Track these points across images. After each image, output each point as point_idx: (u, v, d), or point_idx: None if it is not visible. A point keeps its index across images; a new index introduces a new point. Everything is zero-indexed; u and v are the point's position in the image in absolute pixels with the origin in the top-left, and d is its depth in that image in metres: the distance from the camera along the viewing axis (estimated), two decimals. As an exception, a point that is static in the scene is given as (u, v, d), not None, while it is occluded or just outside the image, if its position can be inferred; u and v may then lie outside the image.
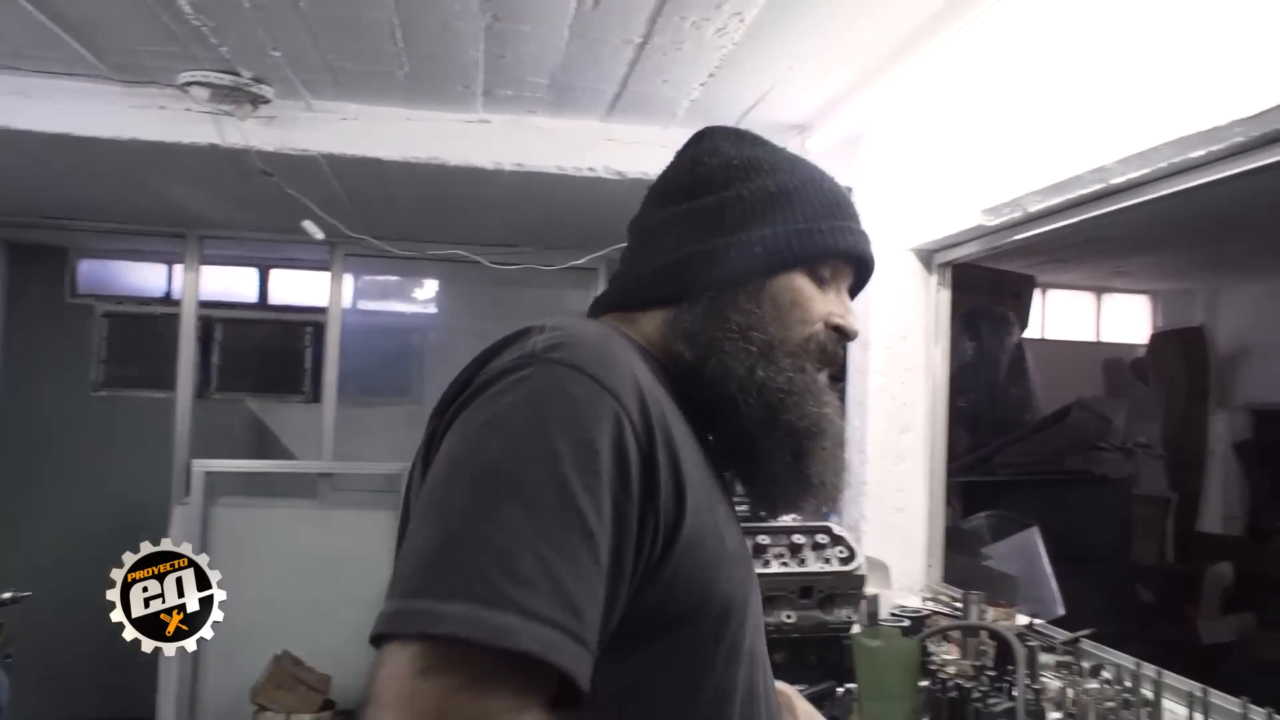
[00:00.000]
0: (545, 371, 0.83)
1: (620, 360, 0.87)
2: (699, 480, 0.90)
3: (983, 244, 2.58)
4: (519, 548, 0.75)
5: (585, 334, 0.90)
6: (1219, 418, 6.25)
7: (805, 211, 1.06)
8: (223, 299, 5.19)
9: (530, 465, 0.78)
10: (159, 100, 2.78)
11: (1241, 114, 1.56)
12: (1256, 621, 5.12)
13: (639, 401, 0.85)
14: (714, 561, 0.90)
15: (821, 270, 1.07)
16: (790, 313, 1.04)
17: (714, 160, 1.09)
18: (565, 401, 0.81)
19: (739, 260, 1.02)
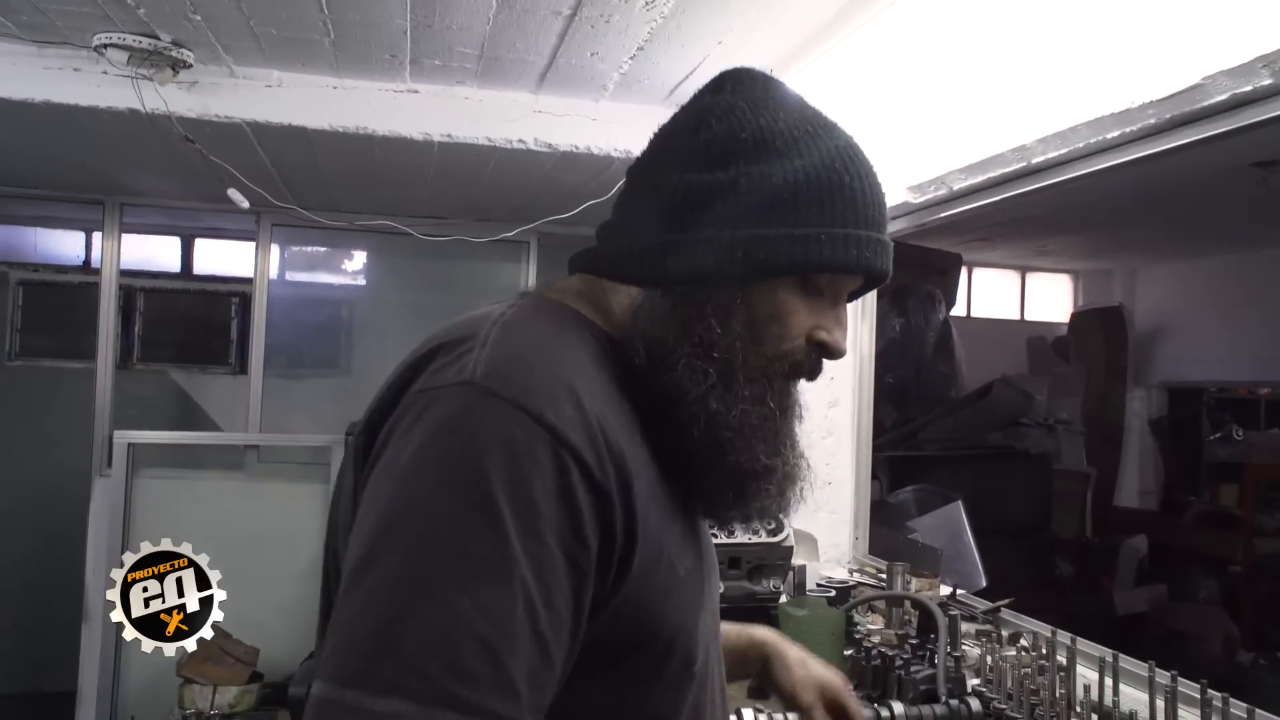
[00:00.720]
0: (485, 409, 0.76)
1: (569, 384, 0.80)
2: (653, 502, 0.85)
3: (910, 221, 2.61)
4: (458, 633, 0.70)
5: (534, 355, 0.83)
6: (1136, 395, 6.45)
7: (813, 213, 0.90)
8: (145, 268, 5.05)
9: (469, 529, 0.72)
10: (73, 62, 2.67)
11: (1153, 96, 1.60)
12: (1168, 593, 5.32)
13: (589, 437, 0.78)
14: (662, 593, 0.85)
15: (817, 280, 0.92)
16: (767, 327, 0.91)
17: (722, 127, 0.93)
18: (505, 449, 0.74)
19: (718, 262, 0.89)
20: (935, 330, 4.93)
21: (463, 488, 0.73)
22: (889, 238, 0.97)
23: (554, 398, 0.78)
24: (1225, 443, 6.13)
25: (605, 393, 0.85)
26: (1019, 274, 7.01)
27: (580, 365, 0.85)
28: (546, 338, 0.87)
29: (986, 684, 1.88)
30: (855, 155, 0.95)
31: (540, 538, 0.74)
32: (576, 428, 0.78)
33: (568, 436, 0.76)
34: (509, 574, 0.72)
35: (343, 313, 5.37)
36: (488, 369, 0.79)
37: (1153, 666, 1.65)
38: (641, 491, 0.82)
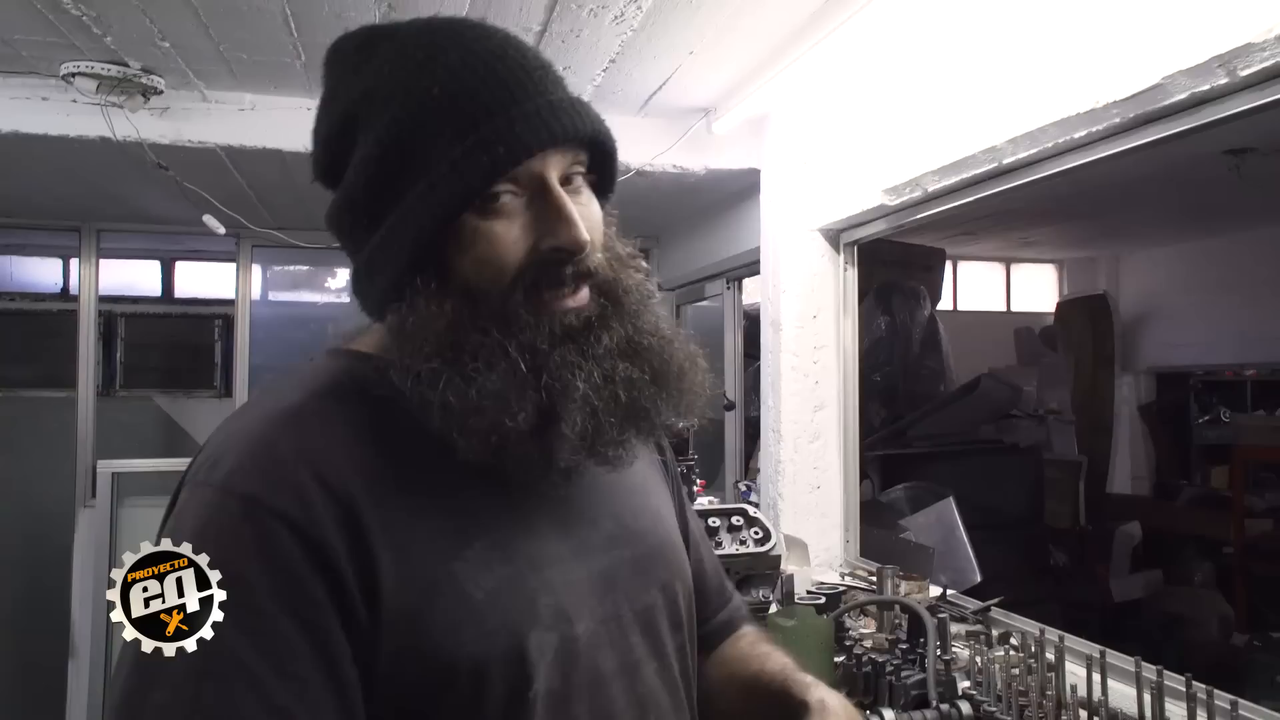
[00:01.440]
0: (193, 504, 0.80)
1: (276, 450, 0.80)
2: (420, 533, 0.82)
3: (887, 223, 2.62)
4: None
5: (246, 431, 0.83)
6: (1124, 381, 6.47)
7: (427, 154, 0.82)
8: (125, 293, 5.02)
9: None
10: (40, 91, 2.66)
11: (1117, 96, 1.61)
12: (1163, 577, 5.33)
13: (295, 492, 0.78)
14: (449, 625, 0.80)
15: (490, 200, 0.83)
16: (478, 275, 0.84)
17: (319, 136, 0.91)
18: (207, 538, 0.77)
19: (387, 262, 0.85)
20: (921, 326, 4.93)
21: None
22: (545, 98, 0.84)
23: (255, 469, 0.79)
24: (1213, 425, 6.16)
25: (347, 439, 0.83)
26: (1003, 266, 7.03)
27: (302, 424, 0.84)
28: (267, 410, 0.86)
29: (977, 686, 1.88)
30: (442, 55, 0.84)
31: (257, 610, 0.75)
32: (280, 487, 0.78)
33: (269, 501, 0.77)
34: (225, 662, 0.73)
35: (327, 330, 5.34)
36: (198, 464, 0.83)
37: (1139, 662, 1.66)
38: (388, 528, 0.79)
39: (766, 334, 3.00)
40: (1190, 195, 4.78)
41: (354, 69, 0.88)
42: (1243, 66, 1.40)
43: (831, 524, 2.95)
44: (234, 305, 4.45)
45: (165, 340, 5.06)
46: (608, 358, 0.86)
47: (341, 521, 0.78)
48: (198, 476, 0.82)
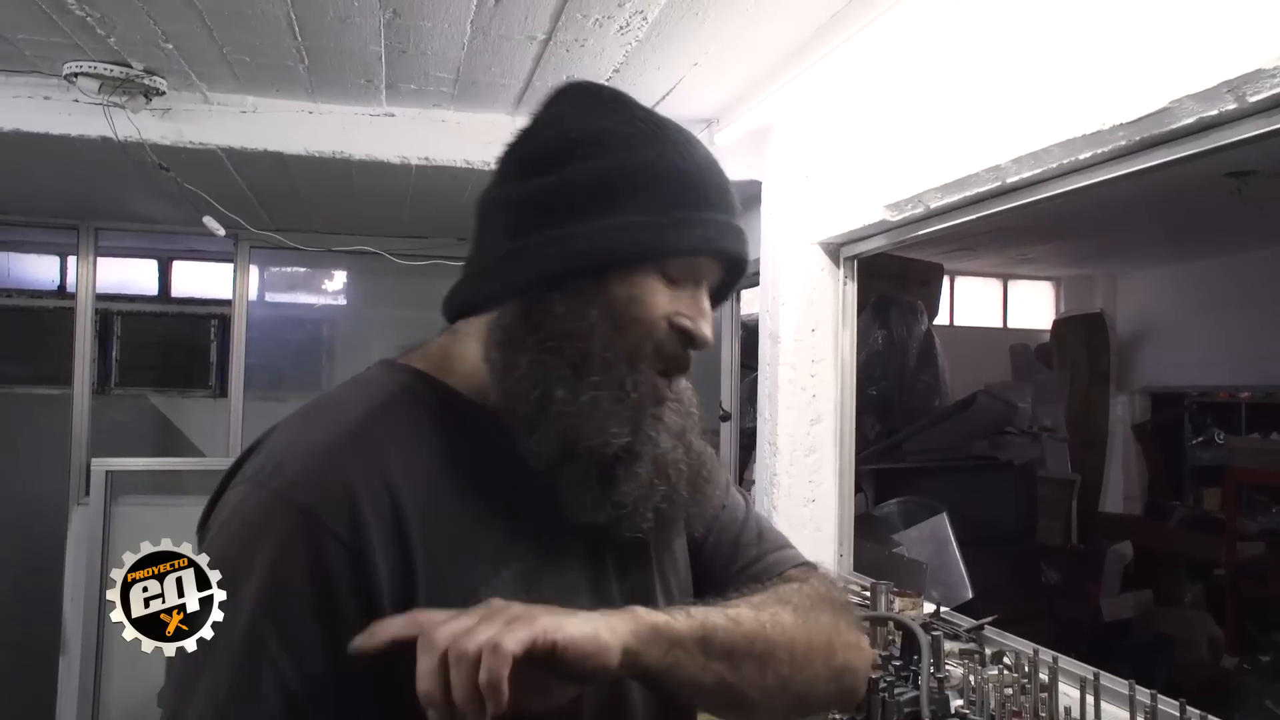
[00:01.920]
0: (249, 506, 0.85)
1: (337, 465, 0.85)
2: (462, 552, 0.87)
3: (887, 238, 2.62)
4: None
5: (308, 439, 0.89)
6: (1119, 400, 6.48)
7: (653, 199, 0.90)
8: (121, 291, 5.01)
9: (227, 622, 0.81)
10: (43, 90, 2.66)
11: (1123, 119, 1.61)
12: (1154, 597, 5.34)
13: (349, 511, 0.83)
14: None
15: (669, 268, 0.92)
16: (625, 312, 0.90)
17: (555, 132, 0.95)
18: (259, 543, 0.82)
19: (563, 255, 0.89)
20: (918, 341, 4.93)
21: (226, 583, 0.82)
22: (739, 223, 0.97)
23: (315, 481, 0.84)
24: (1207, 447, 6.17)
25: (405, 456, 0.88)
26: (1001, 282, 7.04)
27: (362, 439, 0.88)
28: (329, 421, 0.91)
29: (970, 705, 1.88)
30: (691, 144, 0.96)
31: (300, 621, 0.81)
32: (336, 504, 0.83)
33: (323, 516, 0.82)
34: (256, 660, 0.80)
35: (324, 332, 5.34)
36: (263, 463, 0.87)
37: (1133, 685, 1.66)
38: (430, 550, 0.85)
39: (764, 346, 3.00)
40: (1190, 216, 4.80)
41: (609, 107, 0.97)
42: (1252, 92, 1.40)
43: (826, 538, 2.95)
44: (231, 306, 4.44)
45: (161, 339, 5.04)
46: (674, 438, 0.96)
47: (390, 541, 0.84)
48: (259, 478, 0.86)
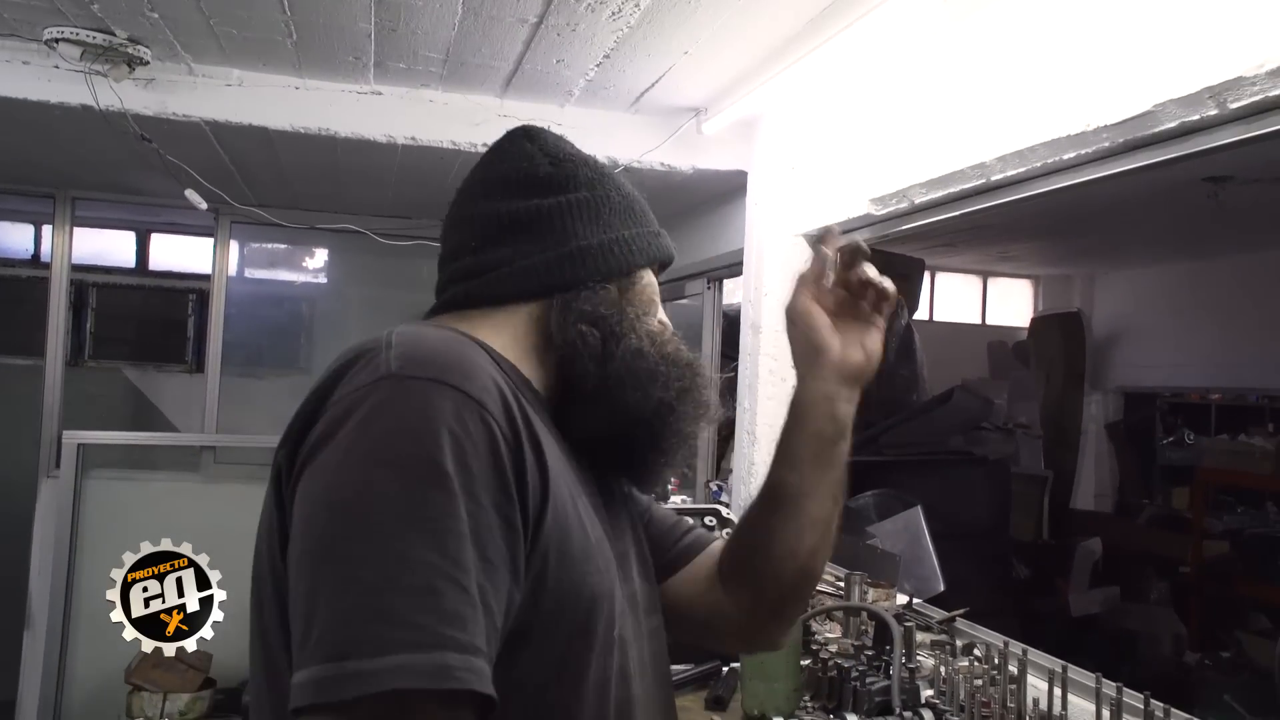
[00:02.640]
0: (409, 390, 0.80)
1: (480, 366, 0.86)
2: (561, 472, 0.90)
3: (872, 232, 2.63)
4: (437, 582, 0.74)
5: (438, 344, 0.87)
6: (1093, 399, 6.54)
7: (643, 218, 1.10)
8: (98, 263, 4.96)
9: (422, 493, 0.76)
10: (22, 55, 2.62)
11: (1107, 120, 1.63)
12: (1121, 594, 5.41)
13: (503, 405, 0.84)
14: (580, 557, 0.89)
15: (657, 270, 1.12)
16: (649, 306, 1.08)
17: (556, 158, 1.08)
18: (438, 419, 0.79)
19: (609, 258, 1.04)
20: (897, 335, 4.94)
21: (405, 461, 0.77)
22: None
23: (470, 375, 0.83)
24: (1177, 447, 6.25)
25: (508, 383, 0.89)
26: (981, 279, 7.08)
27: (478, 352, 0.90)
28: (444, 334, 0.92)
29: (940, 695, 1.91)
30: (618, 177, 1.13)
31: (478, 499, 0.78)
32: (495, 400, 0.83)
33: (487, 404, 0.82)
34: (461, 531, 0.76)
35: (303, 310, 5.32)
36: (400, 361, 0.83)
37: (1099, 678, 1.69)
38: (552, 458, 0.88)
39: (746, 336, 3.01)
40: (1168, 219, 4.84)
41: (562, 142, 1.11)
42: (1233, 99, 1.42)
43: (802, 529, 2.96)
44: (210, 280, 4.40)
45: (137, 312, 5.01)
46: None
47: (531, 443, 0.85)
48: (405, 371, 0.82)
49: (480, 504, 0.78)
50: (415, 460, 0.77)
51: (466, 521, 0.76)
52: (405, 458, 0.77)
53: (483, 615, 0.76)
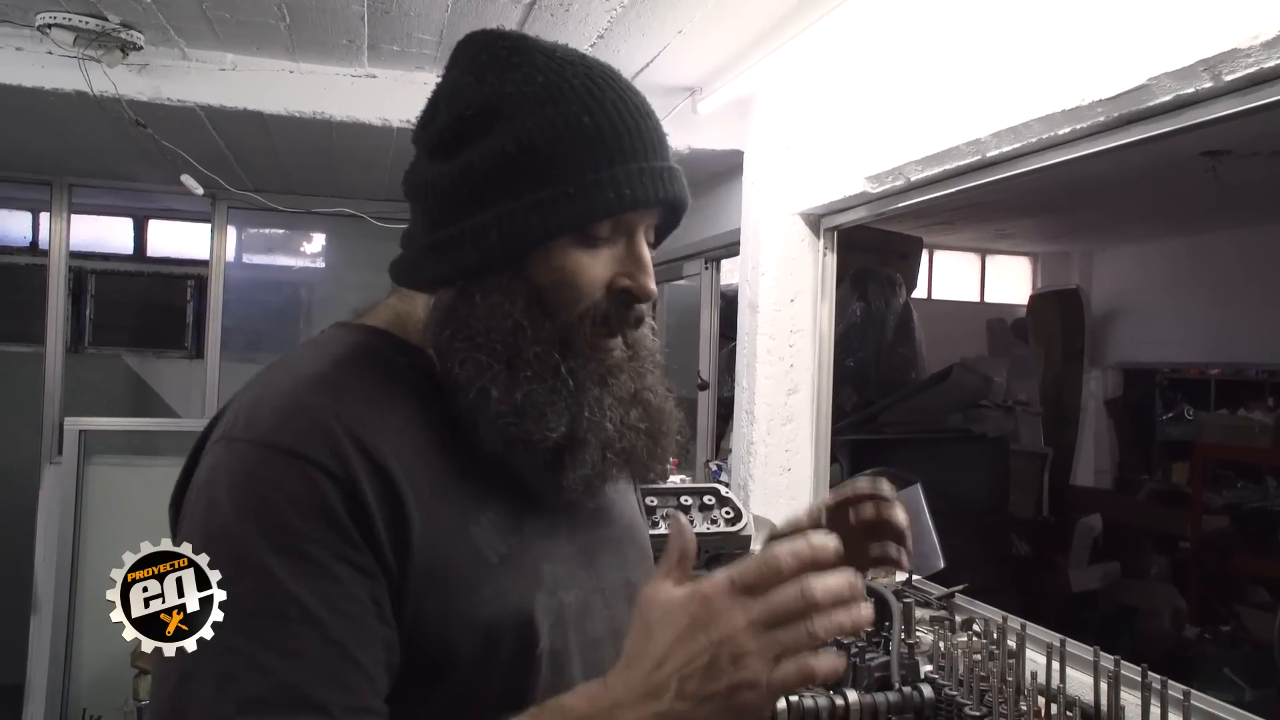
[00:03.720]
0: (231, 458, 0.82)
1: (309, 409, 0.83)
2: (443, 497, 0.86)
3: (868, 210, 2.63)
4: (241, 670, 0.75)
5: (278, 389, 0.86)
6: (1092, 376, 6.54)
7: (558, 169, 0.86)
8: (96, 249, 4.96)
9: (233, 573, 0.77)
10: (14, 41, 2.60)
11: (1102, 95, 1.63)
12: (1121, 569, 5.42)
13: (331, 448, 0.80)
14: (468, 585, 0.85)
15: (594, 231, 0.88)
16: (554, 294, 0.89)
17: (450, 110, 0.91)
18: (250, 488, 0.79)
19: (478, 248, 0.87)
20: (896, 313, 4.95)
21: (219, 538, 0.78)
22: (664, 162, 0.91)
23: (291, 424, 0.82)
24: (1177, 422, 6.26)
25: (376, 404, 0.86)
26: (979, 257, 7.07)
27: (332, 387, 0.86)
28: (295, 373, 0.89)
29: (939, 670, 1.92)
30: (594, 90, 0.88)
31: (305, 555, 0.77)
32: (317, 442, 0.80)
33: (308, 453, 0.80)
34: (277, 600, 0.76)
35: (301, 294, 5.32)
36: (232, 420, 0.85)
37: (1097, 651, 1.69)
38: (416, 489, 0.83)
39: (743, 316, 3.02)
40: (1166, 195, 4.83)
41: (504, 66, 0.90)
42: (1227, 71, 1.41)
43: (801, 506, 2.97)
44: (208, 266, 4.40)
45: (136, 299, 5.01)
46: (626, 404, 0.94)
47: (376, 478, 0.81)
48: (232, 433, 0.83)
49: (309, 560, 0.77)
50: (227, 538, 0.78)
51: (287, 596, 0.76)
52: (218, 537, 0.78)
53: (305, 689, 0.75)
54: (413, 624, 0.82)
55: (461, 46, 0.96)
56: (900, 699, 1.77)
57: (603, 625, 0.96)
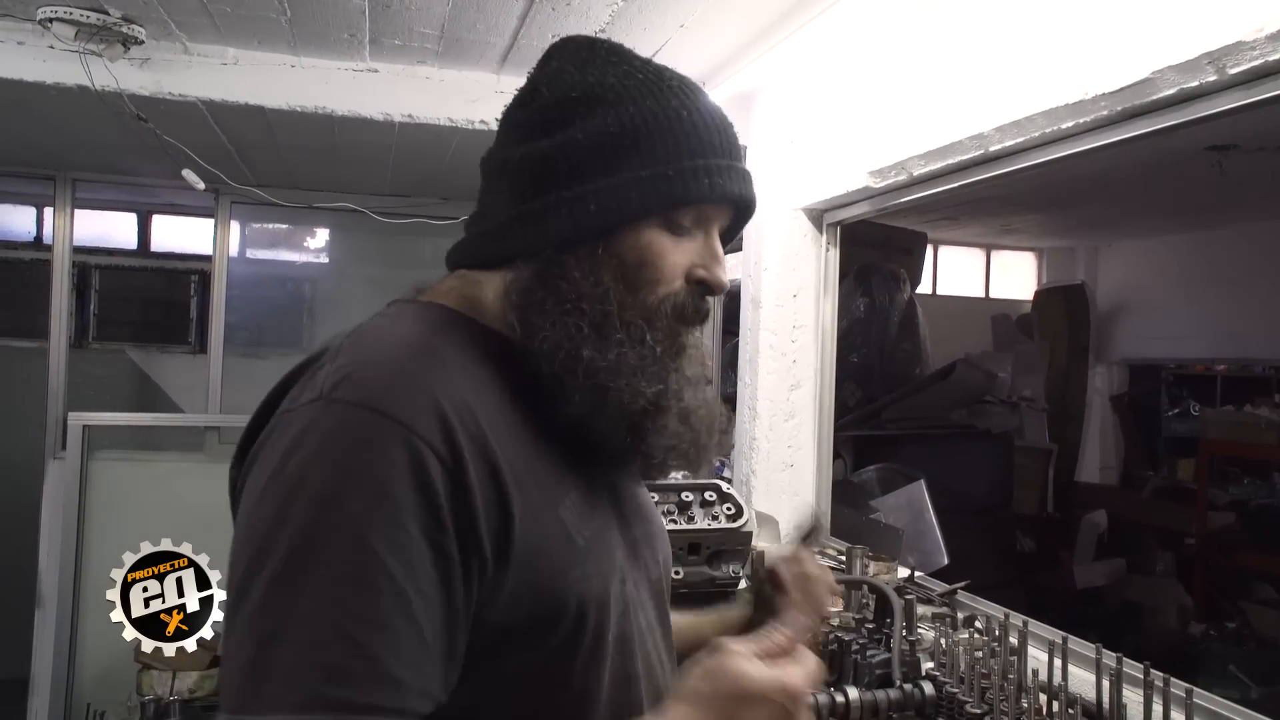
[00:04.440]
0: (331, 418, 0.79)
1: (417, 378, 0.82)
2: (536, 477, 0.87)
3: (871, 205, 2.62)
4: (326, 637, 0.73)
5: (381, 354, 0.85)
6: (1097, 371, 6.53)
7: (656, 152, 0.91)
8: (100, 244, 4.96)
9: (326, 537, 0.75)
10: (16, 35, 2.60)
11: (1106, 89, 1.62)
12: (1126, 566, 5.41)
13: (440, 425, 0.80)
14: (561, 566, 0.86)
15: (680, 218, 0.94)
16: (639, 273, 0.92)
17: (552, 92, 0.95)
18: (355, 452, 0.77)
19: (573, 219, 0.90)
20: (899, 309, 4.94)
21: (315, 500, 0.76)
22: (743, 165, 0.98)
23: (400, 392, 0.80)
24: (1182, 418, 6.24)
25: (471, 379, 0.86)
26: (984, 252, 7.05)
27: (434, 356, 0.86)
28: (397, 338, 0.88)
29: (940, 667, 1.91)
30: (689, 91, 0.97)
31: (402, 527, 0.76)
32: (427, 416, 0.79)
33: (416, 427, 0.78)
34: (370, 570, 0.74)
35: (305, 290, 5.32)
36: (335, 380, 0.81)
37: (1099, 649, 1.69)
38: (514, 469, 0.84)
39: (746, 311, 3.01)
40: (1171, 189, 4.81)
41: (606, 62, 0.96)
42: (1232, 64, 1.40)
43: (803, 502, 2.97)
44: (211, 261, 4.40)
45: (140, 294, 5.02)
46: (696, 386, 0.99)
47: (479, 459, 0.81)
48: (334, 394, 0.80)
49: (403, 531, 0.76)
50: (325, 504, 0.76)
51: (379, 570, 0.75)
52: (316, 501, 0.76)
53: (391, 666, 0.74)
54: (507, 605, 0.82)
55: (560, 44, 1.02)
56: (901, 696, 1.77)
57: (644, 618, 0.99)
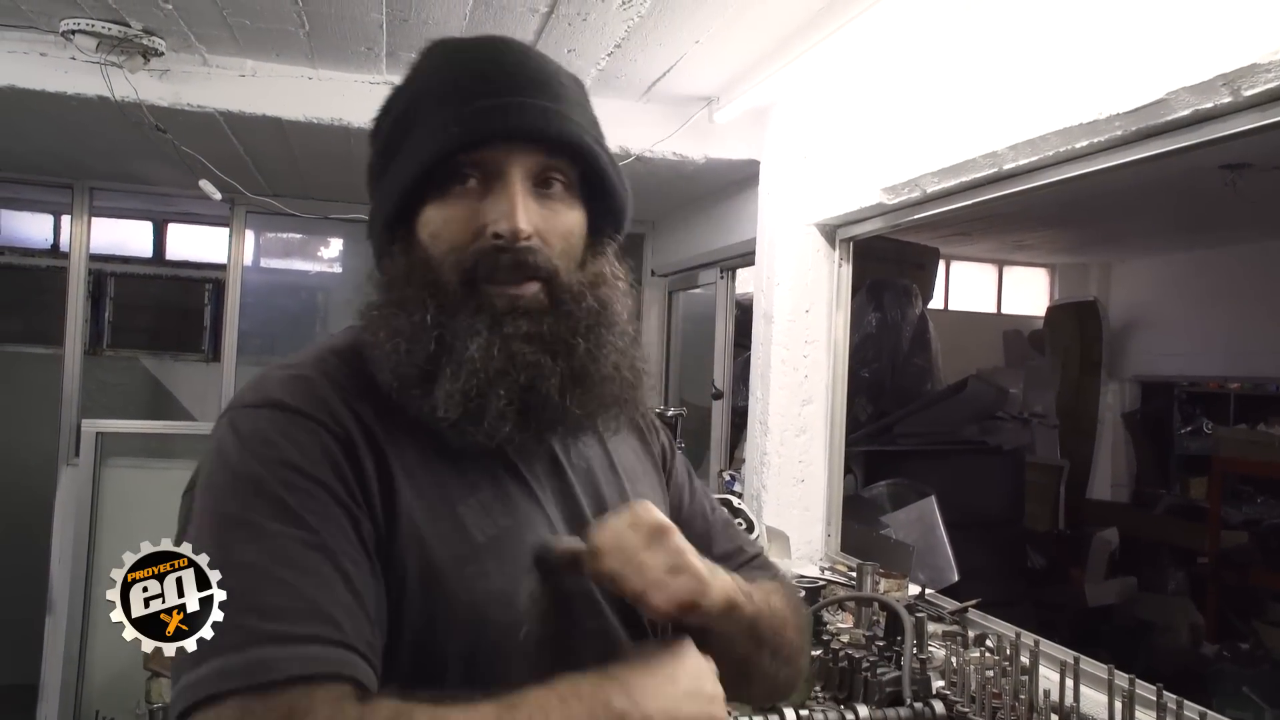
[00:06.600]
0: (234, 419, 0.87)
1: (313, 386, 0.89)
2: (433, 476, 0.90)
3: (884, 221, 2.63)
4: (259, 582, 0.77)
5: (277, 370, 0.92)
6: (1109, 388, 6.49)
7: (404, 137, 0.92)
8: (116, 252, 4.99)
9: (243, 500, 0.81)
10: (39, 47, 2.64)
11: (1120, 109, 1.62)
12: (1138, 584, 5.38)
13: (331, 415, 0.86)
14: (455, 560, 0.87)
15: (450, 181, 0.90)
16: (432, 249, 0.92)
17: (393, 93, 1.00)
18: (257, 434, 0.84)
19: (373, 227, 0.98)
20: (911, 324, 4.93)
21: (230, 481, 0.82)
22: (513, 99, 0.89)
23: (297, 393, 0.87)
24: (1195, 436, 6.20)
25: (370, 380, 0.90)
26: (996, 268, 7.03)
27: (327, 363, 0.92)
28: (293, 363, 0.94)
29: (951, 686, 1.90)
30: (468, 49, 0.96)
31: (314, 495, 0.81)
32: (315, 404, 0.86)
33: (310, 412, 0.85)
34: (292, 526, 0.79)
35: (318, 299, 5.34)
36: (241, 394, 0.90)
37: (1111, 669, 1.68)
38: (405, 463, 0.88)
39: (758, 326, 3.01)
40: (1185, 207, 4.80)
41: (411, 70, 0.98)
42: (1247, 86, 1.41)
43: (814, 518, 2.97)
44: (225, 270, 4.42)
45: (155, 302, 5.04)
46: (519, 341, 0.89)
47: (369, 443, 0.86)
48: (236, 404, 0.89)
49: (324, 502, 0.81)
50: (235, 477, 0.83)
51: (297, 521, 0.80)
52: (229, 479, 0.83)
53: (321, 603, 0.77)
54: (398, 588, 0.85)
55: None
56: (911, 715, 1.76)
57: (589, 620, 0.95)
